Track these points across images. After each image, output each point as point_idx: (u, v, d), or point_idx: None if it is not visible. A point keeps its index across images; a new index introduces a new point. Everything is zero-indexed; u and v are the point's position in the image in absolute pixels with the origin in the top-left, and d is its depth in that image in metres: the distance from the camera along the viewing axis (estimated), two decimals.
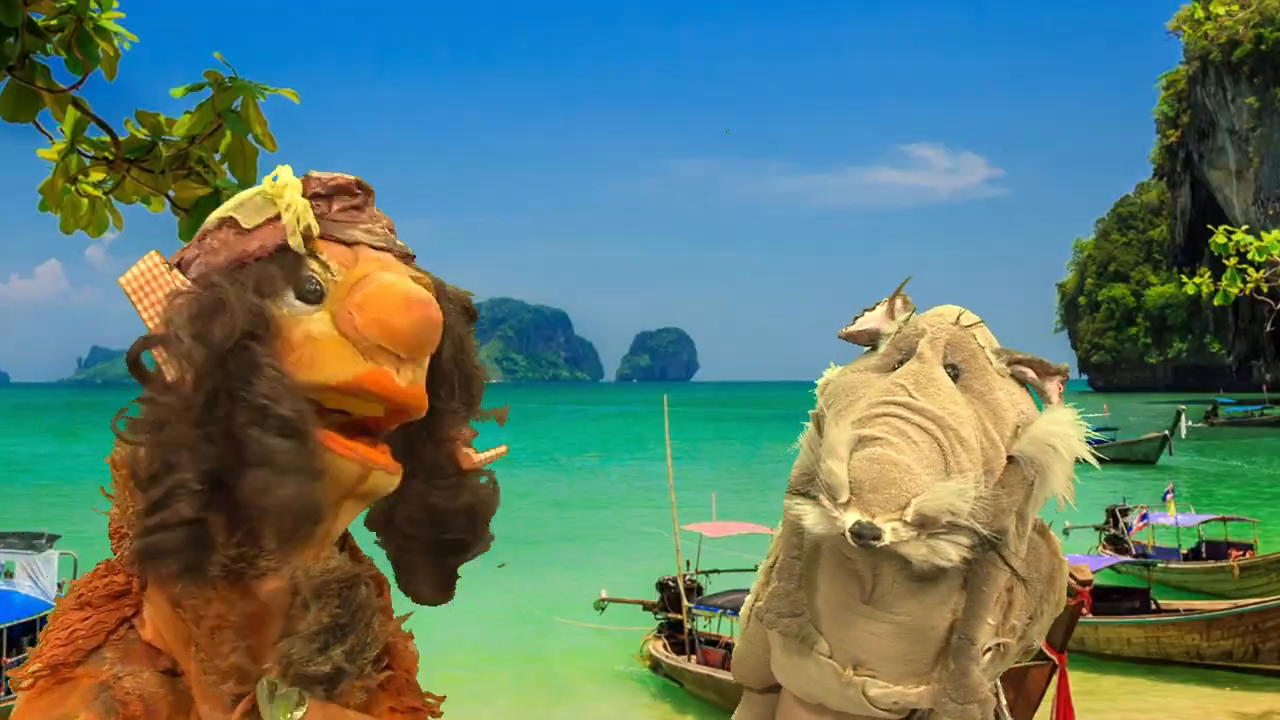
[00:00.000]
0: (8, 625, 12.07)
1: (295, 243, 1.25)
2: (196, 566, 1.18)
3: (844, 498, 1.74)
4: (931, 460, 1.76)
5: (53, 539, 13.88)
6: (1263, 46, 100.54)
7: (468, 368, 1.41)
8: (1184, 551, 17.98)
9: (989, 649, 1.92)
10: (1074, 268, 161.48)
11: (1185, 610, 13.81)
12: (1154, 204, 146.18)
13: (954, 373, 1.91)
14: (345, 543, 1.40)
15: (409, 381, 1.25)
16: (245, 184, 2.63)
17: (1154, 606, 14.02)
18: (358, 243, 1.30)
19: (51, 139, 2.58)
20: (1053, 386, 1.98)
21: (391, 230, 1.38)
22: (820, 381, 2.09)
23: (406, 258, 1.35)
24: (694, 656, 12.84)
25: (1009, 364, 1.96)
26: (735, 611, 12.16)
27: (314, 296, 1.24)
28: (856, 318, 2.13)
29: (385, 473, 1.26)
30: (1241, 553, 16.99)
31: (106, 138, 2.56)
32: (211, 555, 1.19)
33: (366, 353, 1.22)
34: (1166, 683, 12.65)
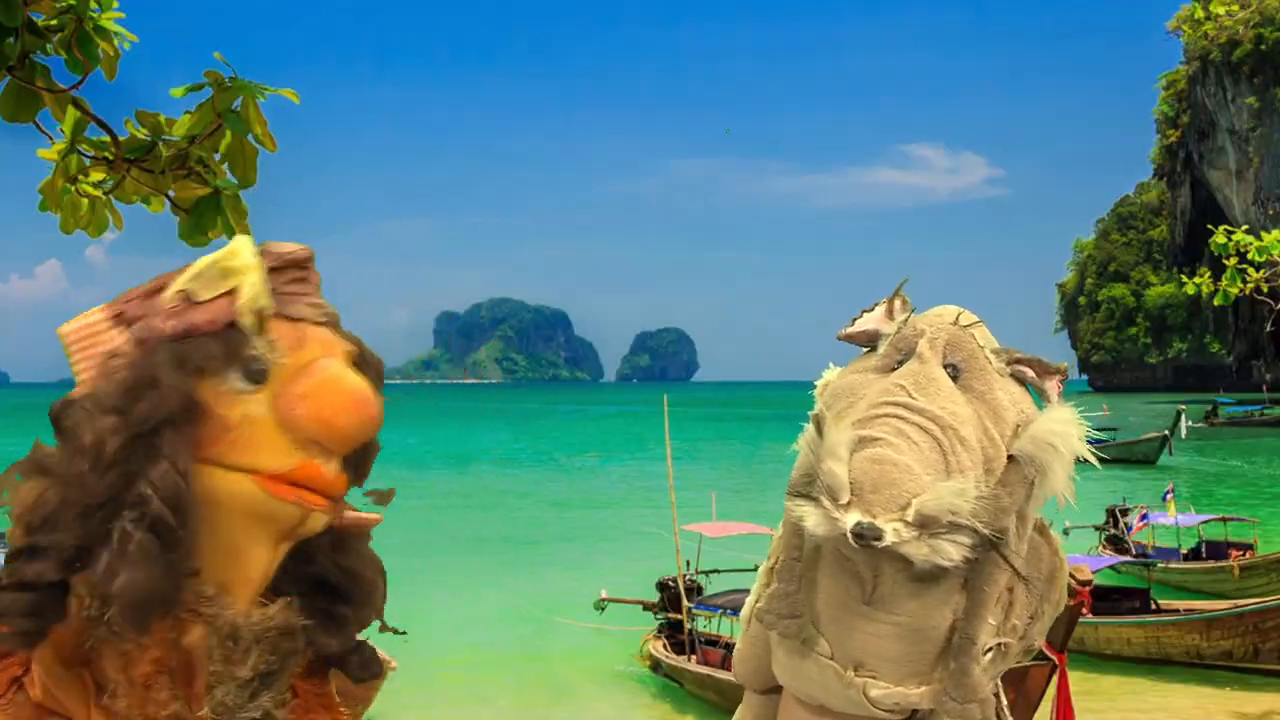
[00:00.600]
0: None
1: (248, 323, 1.23)
2: (35, 633, 1.18)
3: (845, 499, 1.75)
4: (932, 460, 1.77)
5: None
6: (1263, 46, 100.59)
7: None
8: (1184, 551, 17.98)
9: (990, 648, 1.92)
10: (1074, 268, 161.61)
11: (1185, 610, 13.80)
12: (1154, 204, 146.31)
13: (954, 372, 1.91)
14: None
15: (335, 473, 1.25)
16: (245, 184, 2.64)
17: (1154, 606, 14.02)
18: (302, 319, 1.28)
19: (51, 139, 2.58)
20: (1052, 385, 1.98)
21: (319, 288, 1.36)
22: (819, 383, 2.09)
23: (335, 324, 1.33)
24: (694, 656, 12.84)
25: (1008, 363, 1.96)
26: (735, 611, 12.16)
27: (258, 377, 1.23)
28: (855, 319, 2.14)
29: (322, 513, 1.26)
30: (1241, 553, 16.98)
31: (106, 138, 2.56)
32: (56, 624, 1.18)
33: (300, 443, 1.22)
34: (1166, 683, 12.65)
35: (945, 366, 1.90)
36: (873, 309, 2.12)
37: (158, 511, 1.16)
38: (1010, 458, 1.84)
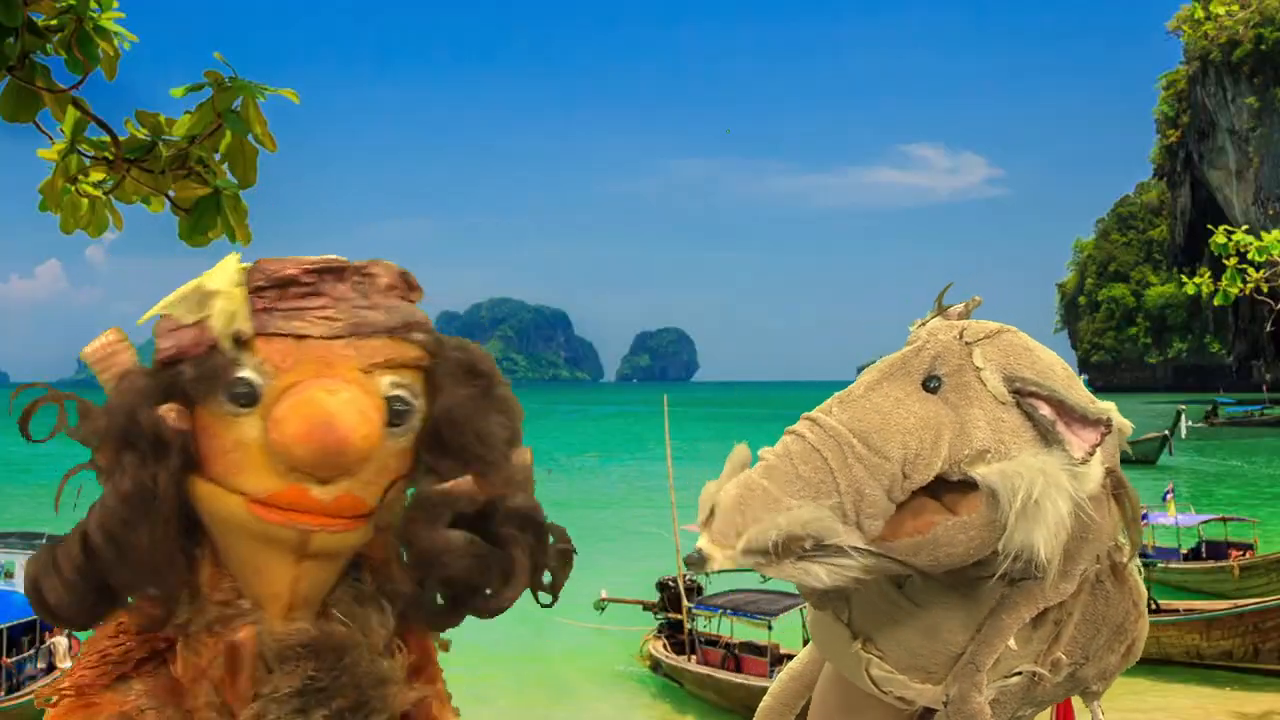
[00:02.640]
0: (8, 625, 12.06)
1: (226, 346, 1.23)
2: (79, 618, 1.29)
3: (701, 518, 1.80)
4: (809, 481, 1.75)
5: (53, 539, 13.86)
6: (1263, 46, 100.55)
7: (452, 426, 1.32)
8: (1184, 551, 17.98)
9: (1017, 673, 1.90)
10: (1074, 268, 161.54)
11: (1185, 610, 13.80)
12: (1154, 204, 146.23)
13: (936, 384, 1.85)
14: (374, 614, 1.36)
15: (336, 495, 1.22)
16: (245, 184, 2.64)
17: (1154, 606, 14.00)
18: (305, 336, 1.25)
19: (51, 139, 2.58)
20: (1077, 435, 1.79)
21: (384, 290, 1.31)
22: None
23: (387, 331, 1.28)
24: (694, 656, 12.83)
25: (1017, 393, 1.82)
26: (735, 611, 12.18)
27: (246, 400, 1.22)
28: (922, 320, 2.10)
29: (329, 533, 1.24)
30: (1241, 553, 16.98)
31: (106, 138, 2.56)
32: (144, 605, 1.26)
33: (287, 466, 1.20)
34: (1166, 683, 12.64)
35: (929, 378, 1.86)
36: (933, 312, 2.07)
37: (104, 529, 1.23)
38: (966, 482, 1.76)
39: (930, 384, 1.85)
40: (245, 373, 1.22)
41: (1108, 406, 1.90)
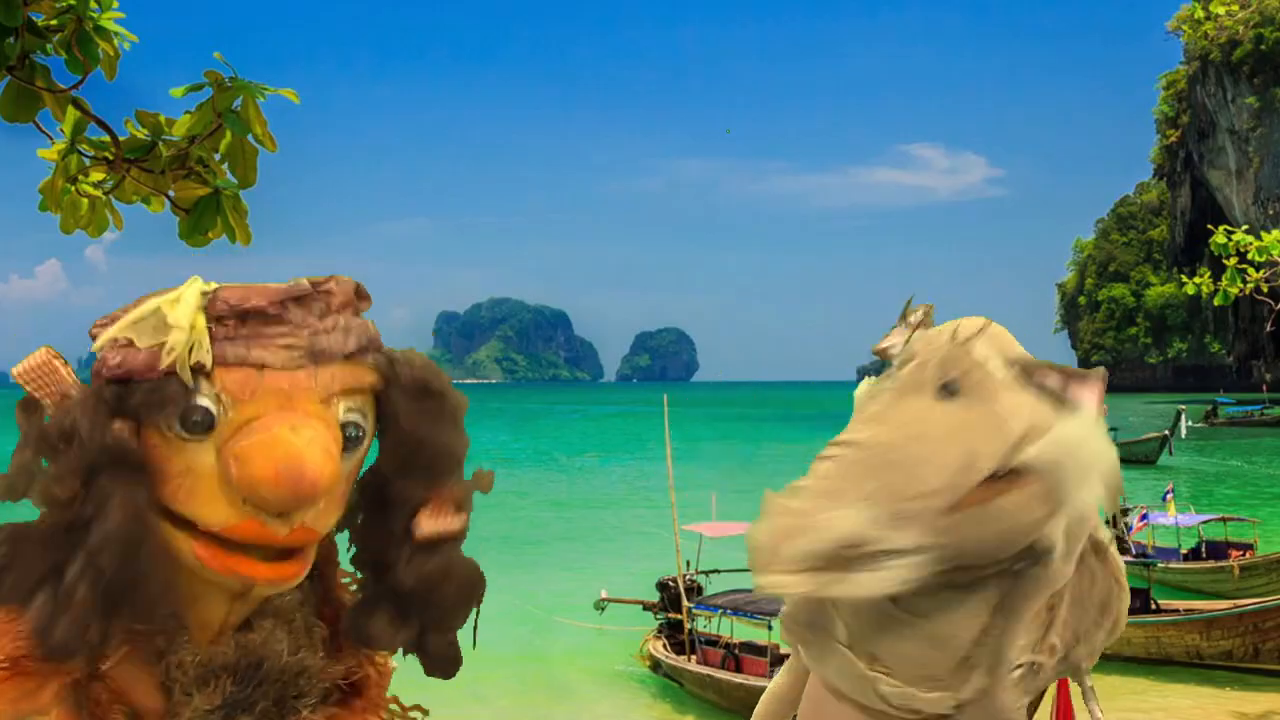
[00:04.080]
0: None
1: (184, 376, 1.19)
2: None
3: (749, 562, 1.80)
4: (839, 493, 1.76)
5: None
6: (1263, 46, 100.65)
7: (416, 450, 1.32)
8: (1184, 551, 17.99)
9: (1019, 665, 1.90)
10: (1074, 268, 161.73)
11: (1185, 610, 13.81)
12: (1154, 204, 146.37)
13: (954, 388, 1.85)
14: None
15: (288, 530, 1.20)
16: (245, 184, 2.64)
17: (1154, 606, 14.02)
18: (264, 365, 1.22)
19: (51, 139, 2.59)
20: (1084, 393, 1.83)
21: (339, 309, 1.29)
22: (856, 394, 2.10)
23: (344, 356, 1.27)
24: (694, 656, 12.84)
25: (1023, 371, 1.86)
26: (735, 611, 12.18)
27: (201, 427, 1.19)
28: (885, 334, 2.12)
29: (270, 583, 1.23)
30: (1241, 553, 16.99)
31: (106, 138, 2.56)
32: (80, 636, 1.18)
33: (253, 505, 1.18)
34: (1166, 683, 12.66)
35: (943, 387, 1.86)
36: (897, 326, 2.10)
37: (106, 566, 1.15)
38: (1014, 471, 1.77)
39: (949, 388, 1.86)
40: (203, 401, 1.19)
41: None
